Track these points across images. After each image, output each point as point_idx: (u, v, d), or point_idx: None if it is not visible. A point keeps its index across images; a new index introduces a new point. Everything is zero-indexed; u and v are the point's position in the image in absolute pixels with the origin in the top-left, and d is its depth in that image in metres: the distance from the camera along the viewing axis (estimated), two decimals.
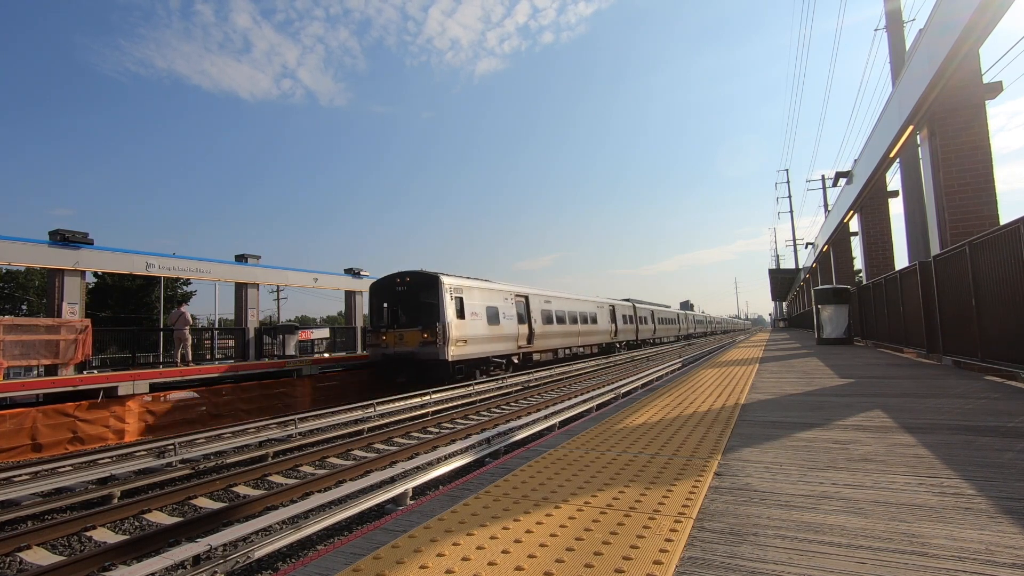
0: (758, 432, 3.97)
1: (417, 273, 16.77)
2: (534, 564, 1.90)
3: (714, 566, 1.84)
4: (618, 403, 5.86)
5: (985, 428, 3.77)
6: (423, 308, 16.13)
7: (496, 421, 10.63)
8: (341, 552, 2.11)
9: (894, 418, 4.25)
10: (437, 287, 15.95)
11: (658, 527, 2.19)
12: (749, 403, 5.40)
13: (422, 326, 15.76)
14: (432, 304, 15.92)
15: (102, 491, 6.61)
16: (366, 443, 9.16)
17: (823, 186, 33.11)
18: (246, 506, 5.80)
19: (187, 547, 4.39)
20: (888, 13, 13.38)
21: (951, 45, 7.50)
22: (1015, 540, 1.94)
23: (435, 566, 1.91)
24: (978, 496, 2.41)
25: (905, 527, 2.09)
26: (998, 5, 6.62)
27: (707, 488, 2.67)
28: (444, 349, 15.35)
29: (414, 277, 16.70)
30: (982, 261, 6.48)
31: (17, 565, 4.82)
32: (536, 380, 18.00)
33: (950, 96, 8.90)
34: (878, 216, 17.53)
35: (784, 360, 11.08)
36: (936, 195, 9.34)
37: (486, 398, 14.24)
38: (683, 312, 62.08)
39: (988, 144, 8.88)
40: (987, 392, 5.47)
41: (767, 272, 51.54)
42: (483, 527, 2.26)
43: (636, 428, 4.27)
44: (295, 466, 7.77)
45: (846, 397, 5.58)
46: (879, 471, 2.84)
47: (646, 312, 40.70)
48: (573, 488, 2.75)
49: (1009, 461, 2.92)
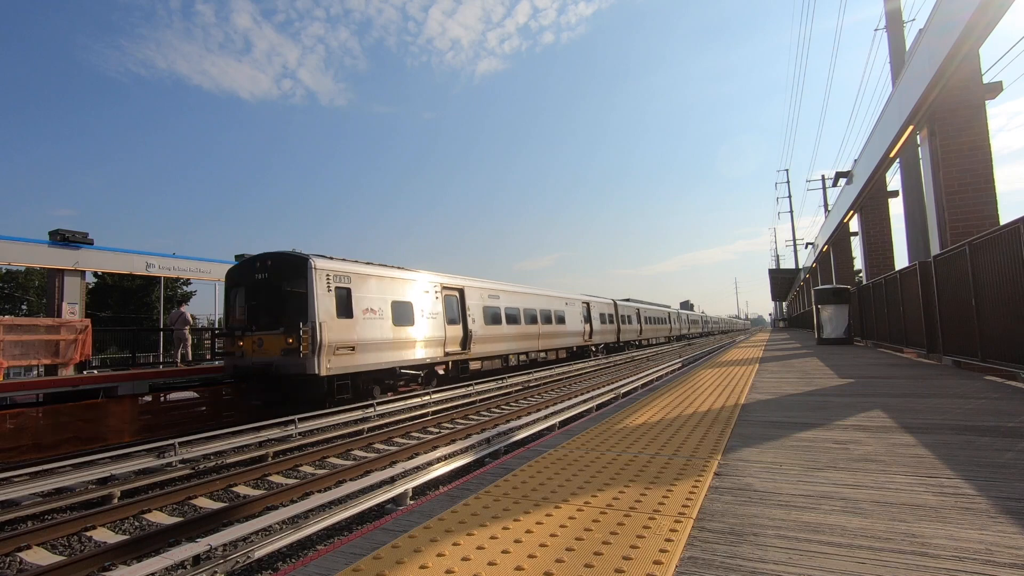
0: (758, 432, 3.97)
1: (280, 255, 12.34)
2: (534, 564, 1.90)
3: (714, 566, 1.84)
4: (618, 403, 5.86)
5: (985, 428, 3.77)
6: (288, 303, 11.89)
7: (496, 421, 10.62)
8: (341, 552, 2.11)
9: (894, 418, 4.25)
10: (306, 274, 11.56)
11: (658, 527, 2.19)
12: (749, 403, 5.40)
13: (284, 328, 11.54)
14: (299, 297, 11.64)
15: (102, 491, 6.61)
16: (366, 443, 9.15)
17: (823, 186, 33.14)
18: (246, 506, 5.80)
19: (187, 547, 4.39)
20: (888, 13, 13.38)
21: (951, 45, 7.51)
22: (1015, 540, 1.94)
23: (435, 566, 1.91)
24: (978, 496, 2.41)
25: (905, 527, 2.09)
26: (998, 5, 6.62)
27: (707, 488, 2.67)
28: (314, 360, 11.12)
29: (276, 261, 12.29)
30: (982, 261, 6.48)
31: (17, 565, 4.81)
32: (536, 380, 17.99)
33: (950, 96, 8.90)
34: (878, 216, 17.54)
35: (784, 360, 11.08)
36: (936, 195, 9.34)
37: (486, 398, 14.24)
38: (675, 311, 56.04)
39: (988, 144, 8.89)
40: (987, 392, 5.47)
41: (767, 272, 51.46)
42: (483, 527, 2.26)
43: (636, 428, 4.27)
44: (295, 466, 7.77)
45: (846, 397, 5.58)
46: (879, 471, 2.84)
47: (630, 311, 36.43)
48: (573, 488, 2.75)
49: (1009, 461, 2.92)
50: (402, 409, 12.31)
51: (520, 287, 21.79)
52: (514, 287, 21.16)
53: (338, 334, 11.82)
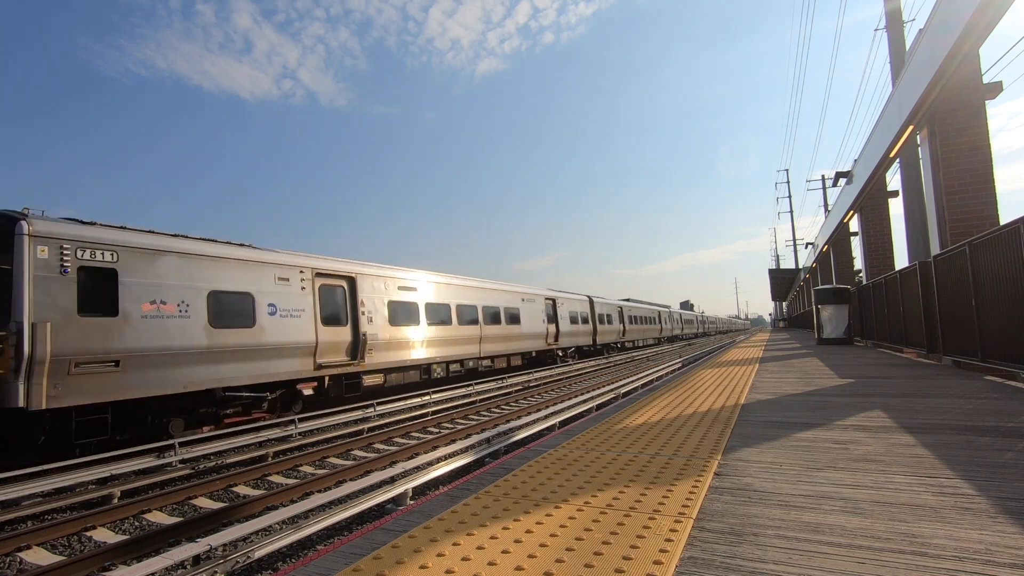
0: (758, 432, 3.97)
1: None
2: (534, 564, 1.90)
3: (714, 566, 1.84)
4: (618, 403, 5.87)
5: (985, 428, 3.77)
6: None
7: (496, 421, 10.63)
8: (341, 552, 2.11)
9: (894, 418, 4.25)
10: (11, 245, 7.42)
11: (658, 527, 2.19)
12: (749, 403, 5.40)
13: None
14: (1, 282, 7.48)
15: (102, 491, 6.61)
16: (366, 443, 9.16)
17: (823, 186, 33.14)
18: (246, 506, 5.80)
19: (187, 547, 4.39)
20: (888, 13, 13.39)
21: (951, 45, 7.51)
22: (1015, 540, 1.94)
23: (435, 566, 1.91)
24: (978, 496, 2.41)
25: (905, 527, 2.09)
26: (998, 5, 6.62)
27: (707, 488, 2.67)
28: (18, 385, 7.11)
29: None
30: (982, 261, 6.48)
31: (17, 565, 4.82)
32: (536, 380, 17.99)
33: (950, 96, 8.90)
34: (878, 216, 17.54)
35: (784, 360, 11.08)
36: (936, 195, 9.34)
37: (486, 398, 14.24)
38: (668, 309, 50.88)
39: (988, 144, 8.89)
40: (987, 392, 5.47)
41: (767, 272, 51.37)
42: (483, 527, 2.26)
43: (636, 428, 4.27)
44: (295, 466, 7.77)
45: (846, 397, 5.58)
46: (879, 471, 2.84)
47: (609, 309, 31.83)
48: (573, 488, 2.75)
49: (1009, 461, 2.92)
50: (402, 409, 12.32)
51: (455, 278, 17.38)
52: (444, 277, 16.82)
53: (81, 341, 7.75)
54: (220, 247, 10.16)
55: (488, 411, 12.23)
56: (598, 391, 13.33)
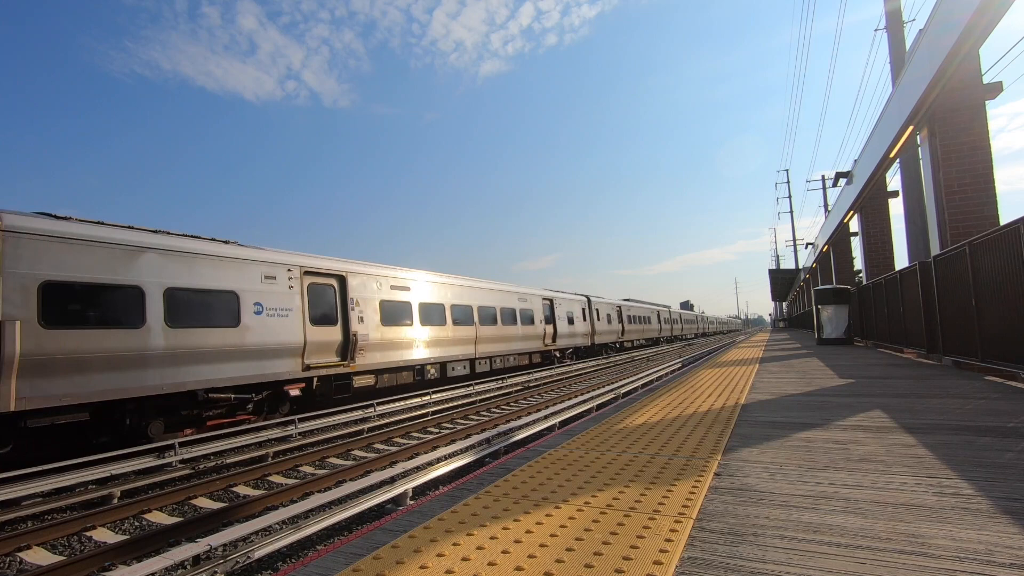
0: (758, 432, 3.97)
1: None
2: (534, 564, 1.90)
3: (714, 566, 1.84)
4: (618, 403, 5.87)
5: (985, 428, 3.77)
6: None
7: (496, 421, 10.62)
8: (341, 552, 2.11)
9: (894, 418, 4.25)
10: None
11: (658, 527, 2.19)
12: (749, 403, 5.40)
13: None
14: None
15: (102, 491, 6.61)
16: (366, 443, 9.15)
17: (823, 186, 33.15)
18: (246, 506, 5.80)
19: (187, 547, 4.39)
20: (888, 13, 13.39)
21: (951, 45, 7.51)
22: (1015, 540, 1.94)
23: (435, 566, 1.91)
24: (978, 496, 2.41)
25: (905, 527, 2.09)
26: (998, 5, 6.63)
27: (707, 488, 2.67)
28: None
29: None
30: (982, 261, 6.48)
31: (17, 565, 4.81)
32: (536, 380, 17.98)
33: (950, 96, 8.91)
34: (878, 216, 17.55)
35: (784, 360, 11.08)
36: (936, 195, 9.34)
37: (486, 398, 14.24)
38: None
39: (988, 144, 8.89)
40: (987, 392, 5.47)
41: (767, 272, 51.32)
42: (483, 527, 2.26)
43: (636, 428, 4.27)
44: (295, 466, 7.77)
45: (846, 397, 5.58)
46: (879, 471, 2.84)
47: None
48: (573, 488, 2.75)
49: (1009, 461, 2.92)
50: (402, 409, 12.32)
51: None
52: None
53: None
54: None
55: (488, 411, 12.23)
56: (598, 391, 13.33)
